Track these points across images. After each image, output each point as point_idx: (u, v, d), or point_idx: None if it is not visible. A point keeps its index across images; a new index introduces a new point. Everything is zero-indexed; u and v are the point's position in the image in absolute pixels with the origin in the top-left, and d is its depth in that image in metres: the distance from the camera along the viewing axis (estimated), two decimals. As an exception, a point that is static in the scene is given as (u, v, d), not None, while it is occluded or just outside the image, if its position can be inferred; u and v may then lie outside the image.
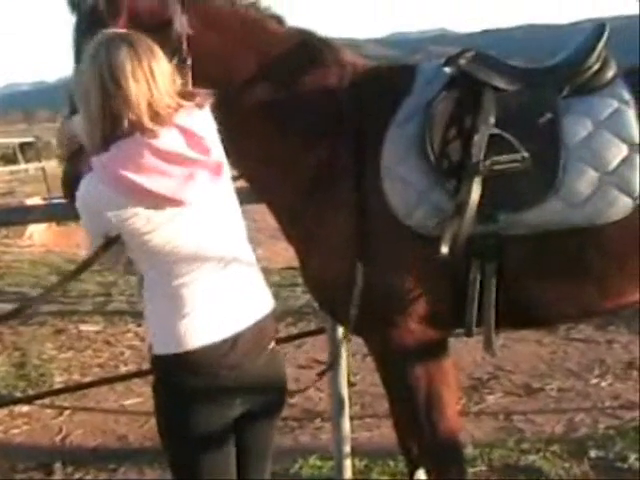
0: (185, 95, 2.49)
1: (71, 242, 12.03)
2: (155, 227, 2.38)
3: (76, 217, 2.63)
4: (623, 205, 2.74)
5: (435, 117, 2.80)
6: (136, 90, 2.35)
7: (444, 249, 2.64)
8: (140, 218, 2.37)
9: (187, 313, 2.43)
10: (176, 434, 2.52)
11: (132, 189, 2.34)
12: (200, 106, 2.51)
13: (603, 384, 5.53)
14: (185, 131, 2.41)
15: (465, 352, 5.91)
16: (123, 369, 6.47)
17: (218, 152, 2.50)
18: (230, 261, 2.53)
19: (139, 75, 2.37)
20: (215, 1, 2.96)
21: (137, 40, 2.42)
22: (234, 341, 2.48)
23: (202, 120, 2.50)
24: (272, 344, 2.66)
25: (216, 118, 2.55)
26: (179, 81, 2.50)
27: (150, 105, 2.36)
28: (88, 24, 2.80)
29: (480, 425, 4.96)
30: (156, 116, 2.37)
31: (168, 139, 2.37)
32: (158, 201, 2.36)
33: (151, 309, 2.50)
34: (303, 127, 2.92)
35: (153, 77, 2.39)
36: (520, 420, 5.02)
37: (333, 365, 3.96)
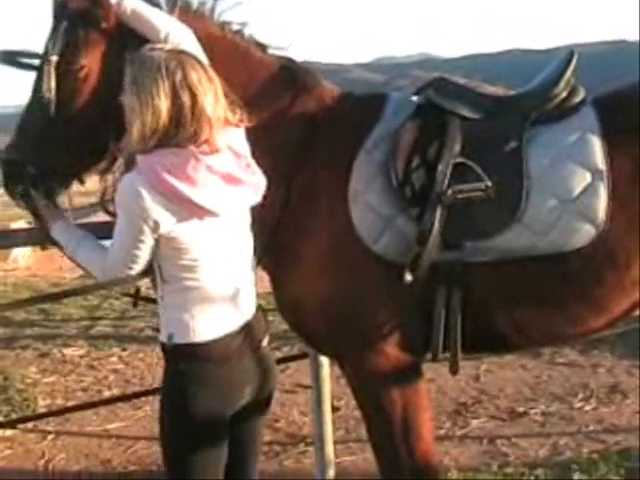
0: (231, 112, 2.59)
1: (55, 266, 11.97)
2: (189, 232, 2.48)
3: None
4: (586, 233, 2.76)
5: (400, 145, 2.84)
6: (210, 103, 2.46)
7: (408, 276, 2.70)
8: (176, 222, 2.45)
9: (211, 304, 2.55)
10: (188, 424, 2.56)
11: (173, 194, 2.41)
12: (239, 124, 2.61)
13: (587, 408, 5.54)
14: (233, 149, 2.54)
15: (449, 376, 5.90)
16: (107, 393, 6.43)
17: (260, 173, 2.63)
18: (243, 260, 2.69)
19: (212, 90, 2.49)
20: (206, 23, 3.00)
21: (202, 60, 2.59)
22: (246, 331, 2.63)
23: (242, 138, 2.63)
24: (267, 339, 2.77)
25: None
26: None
27: (216, 119, 2.48)
28: (77, 25, 2.84)
29: (464, 449, 4.96)
30: (216, 131, 2.48)
31: (220, 156, 2.48)
32: (196, 210, 2.45)
33: (173, 301, 2.56)
34: (284, 151, 2.94)
35: (218, 94, 2.52)
36: (504, 444, 5.02)
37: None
